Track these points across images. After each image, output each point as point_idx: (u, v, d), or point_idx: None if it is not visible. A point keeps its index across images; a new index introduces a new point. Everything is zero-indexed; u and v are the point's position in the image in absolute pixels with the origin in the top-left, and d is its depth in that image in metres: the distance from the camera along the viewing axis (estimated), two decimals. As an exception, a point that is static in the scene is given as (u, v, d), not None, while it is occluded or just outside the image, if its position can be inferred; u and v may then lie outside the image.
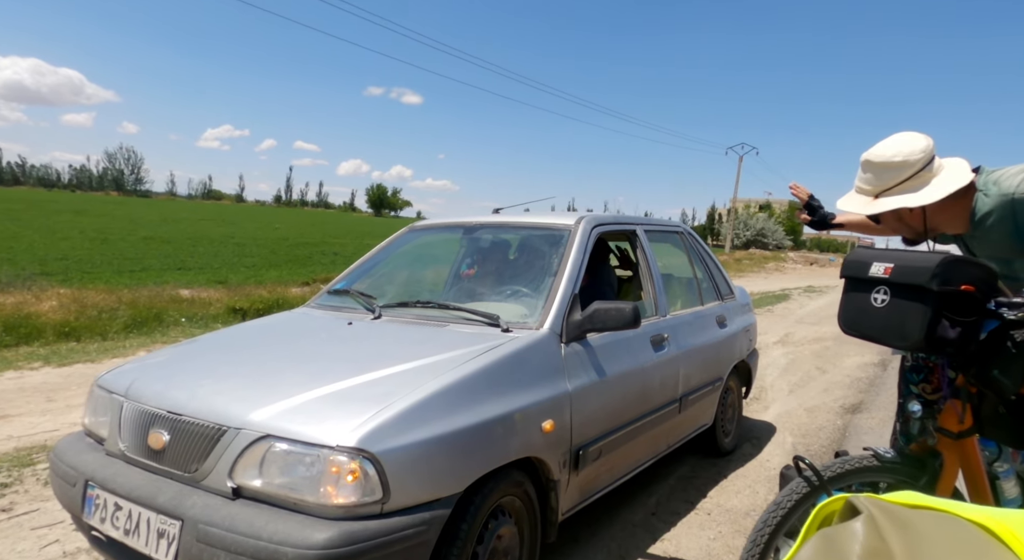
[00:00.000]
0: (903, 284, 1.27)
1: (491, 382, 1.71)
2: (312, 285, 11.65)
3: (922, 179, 1.41)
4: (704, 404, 2.99)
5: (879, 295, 1.32)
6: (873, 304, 1.33)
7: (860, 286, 1.37)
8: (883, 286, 1.31)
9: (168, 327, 7.26)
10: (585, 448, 2.02)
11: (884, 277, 1.30)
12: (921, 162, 1.42)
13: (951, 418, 1.39)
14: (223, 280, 12.09)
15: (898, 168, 1.41)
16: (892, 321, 1.29)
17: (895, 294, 1.29)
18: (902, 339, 1.27)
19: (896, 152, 1.42)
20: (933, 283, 1.21)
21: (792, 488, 1.39)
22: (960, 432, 1.38)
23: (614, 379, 2.20)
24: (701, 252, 3.39)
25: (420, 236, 2.92)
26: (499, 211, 2.85)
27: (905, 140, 1.44)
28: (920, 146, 1.42)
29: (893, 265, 1.30)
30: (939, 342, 1.23)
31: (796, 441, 3.63)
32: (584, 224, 2.45)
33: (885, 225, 1.57)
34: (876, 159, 1.44)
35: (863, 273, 1.35)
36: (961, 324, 1.21)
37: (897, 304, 1.28)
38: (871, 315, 1.33)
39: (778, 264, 31.04)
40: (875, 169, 1.45)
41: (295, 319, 2.34)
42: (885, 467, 1.41)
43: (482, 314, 2.08)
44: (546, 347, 1.96)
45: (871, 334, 1.35)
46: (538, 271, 2.33)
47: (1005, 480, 1.52)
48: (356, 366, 1.71)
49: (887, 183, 1.43)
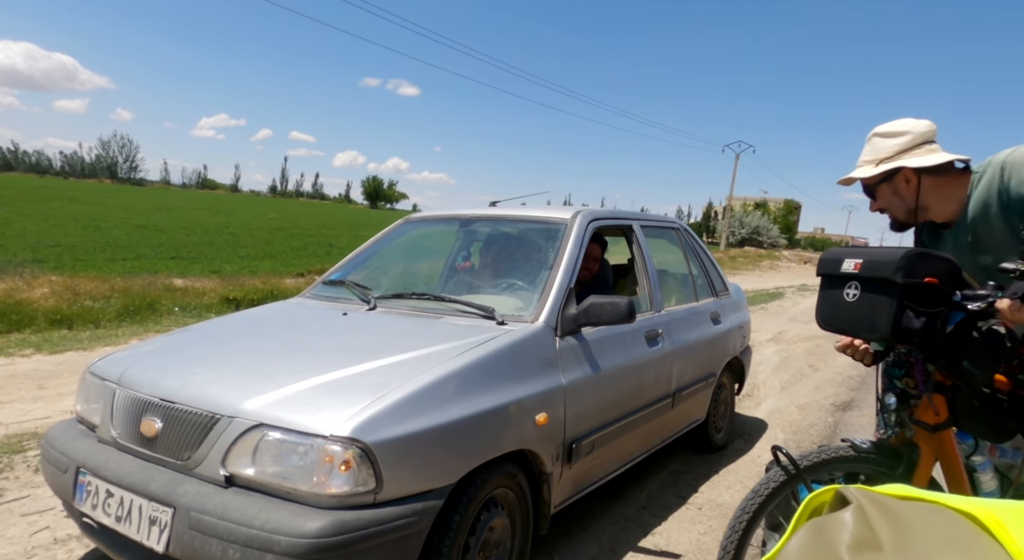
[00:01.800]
0: (871, 278, 1.31)
1: (485, 374, 1.72)
2: (307, 276, 11.61)
3: (923, 150, 1.48)
4: (697, 400, 3.01)
5: (850, 290, 1.36)
6: (845, 299, 1.36)
7: (834, 282, 1.41)
8: (854, 281, 1.35)
9: (161, 316, 7.23)
10: (578, 441, 2.03)
11: (855, 272, 1.34)
12: (924, 136, 1.49)
13: (927, 411, 1.42)
14: (217, 270, 12.04)
15: (902, 135, 1.49)
16: (863, 314, 1.32)
17: (865, 288, 1.32)
18: (872, 331, 1.31)
19: (903, 123, 1.52)
20: (898, 275, 1.24)
21: (770, 477, 1.41)
22: (936, 425, 1.41)
23: (608, 373, 2.21)
24: (696, 248, 3.40)
25: (416, 228, 2.91)
26: (496, 204, 2.84)
27: (910, 119, 1.53)
28: (924, 123, 1.52)
29: (862, 260, 1.34)
30: (905, 333, 1.26)
31: (787, 438, 3.66)
32: (580, 218, 2.45)
33: (881, 199, 1.58)
34: (883, 129, 1.53)
35: (836, 270, 1.39)
36: (926, 315, 1.25)
37: (867, 298, 1.32)
38: (844, 309, 1.37)
39: (772, 262, 31.15)
40: (880, 139, 1.53)
41: (289, 309, 2.34)
42: (862, 458, 1.43)
43: (477, 306, 2.08)
44: (541, 340, 1.97)
45: (845, 327, 1.39)
46: (534, 264, 2.33)
47: (982, 473, 1.55)
48: (350, 356, 1.71)
49: (890, 151, 1.50)
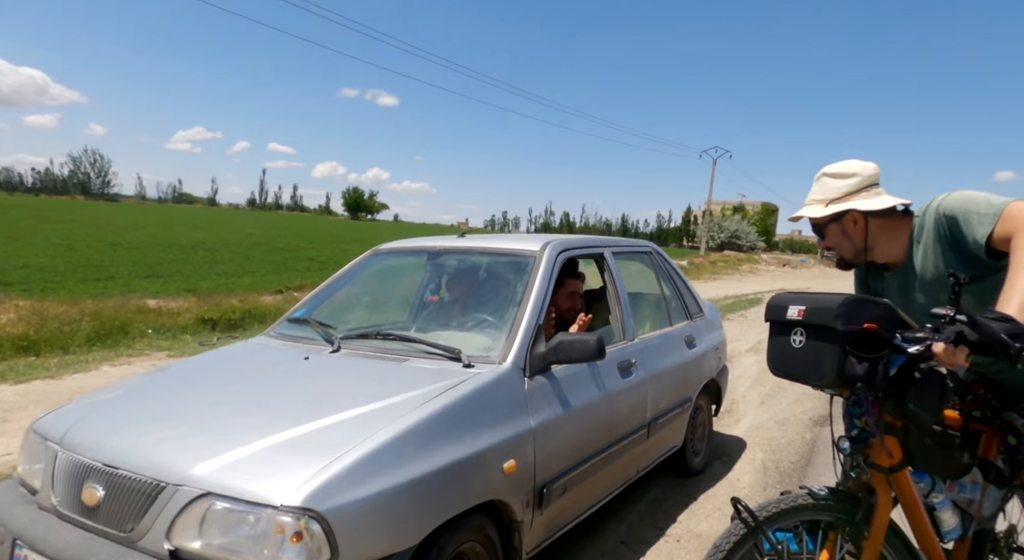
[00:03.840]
0: (814, 325, 1.32)
1: (449, 425, 1.66)
2: (285, 293, 11.43)
3: (870, 193, 1.55)
4: (674, 426, 2.97)
5: (796, 336, 1.37)
6: (792, 345, 1.37)
7: (781, 329, 1.41)
8: (799, 327, 1.36)
9: (133, 339, 7.05)
10: (550, 485, 1.98)
11: (799, 319, 1.35)
12: (871, 179, 1.56)
13: (881, 453, 1.42)
14: (193, 288, 11.81)
15: (851, 177, 1.55)
16: (809, 360, 1.34)
17: (809, 335, 1.34)
18: (819, 377, 1.32)
19: (850, 165, 1.58)
20: (838, 323, 1.26)
21: (731, 530, 1.39)
22: (891, 466, 1.41)
23: (580, 410, 2.16)
24: (670, 271, 3.38)
25: (384, 260, 2.85)
26: (464, 235, 2.79)
27: (857, 160, 1.60)
28: (871, 165, 1.58)
29: (805, 307, 1.35)
30: (850, 378, 1.27)
31: (766, 457, 3.64)
32: (549, 250, 2.41)
33: (829, 238, 1.63)
34: (831, 170, 1.59)
35: (782, 316, 1.40)
36: (868, 360, 1.26)
37: (812, 344, 1.33)
38: (792, 356, 1.38)
39: (752, 266, 31.50)
40: (830, 179, 1.58)
41: (250, 353, 2.25)
42: (820, 505, 1.43)
43: (443, 348, 2.02)
44: (509, 383, 1.91)
45: (794, 374, 1.39)
46: (502, 300, 2.28)
47: (942, 511, 1.55)
48: (308, 410, 1.64)
49: (839, 192, 1.56)
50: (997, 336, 1.11)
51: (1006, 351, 1.10)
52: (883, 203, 1.51)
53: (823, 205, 1.58)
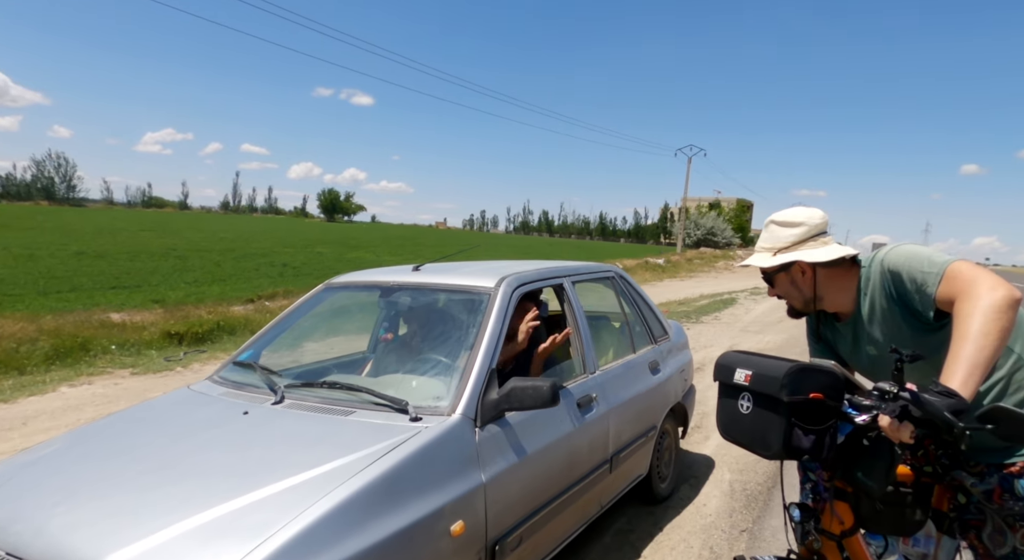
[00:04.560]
0: (761, 393, 1.28)
1: (391, 491, 1.58)
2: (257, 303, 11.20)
3: (818, 242, 1.53)
4: (638, 456, 2.93)
5: (744, 402, 1.32)
6: (740, 411, 1.33)
7: (730, 391, 1.37)
8: (747, 393, 1.32)
9: (95, 357, 6.82)
10: (503, 540, 1.91)
11: (746, 385, 1.31)
12: (819, 227, 1.55)
13: (832, 520, 1.39)
14: (161, 299, 11.48)
15: (798, 226, 1.54)
16: (756, 430, 1.29)
17: (756, 402, 1.29)
18: (766, 449, 1.28)
19: (798, 214, 1.57)
20: (783, 393, 1.22)
21: None
22: (842, 532, 1.39)
23: (535, 455, 2.10)
24: (634, 295, 3.34)
25: (336, 295, 2.75)
26: (419, 268, 2.71)
27: (805, 209, 1.59)
28: (818, 214, 1.57)
29: (751, 373, 1.31)
30: (796, 451, 1.24)
31: (734, 478, 3.63)
32: (505, 287, 2.35)
33: (779, 287, 1.63)
34: (779, 218, 1.58)
35: (729, 379, 1.35)
36: (814, 432, 1.23)
37: (759, 412, 1.28)
38: (740, 422, 1.33)
39: (727, 263, 31.89)
40: (777, 227, 1.57)
41: (186, 406, 2.13)
42: None
43: (390, 399, 1.94)
44: (458, 436, 1.84)
45: (743, 443, 1.35)
46: (454, 343, 2.20)
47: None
48: (238, 482, 1.54)
49: (787, 241, 1.55)
50: (940, 414, 1.07)
51: (949, 430, 1.07)
52: (830, 254, 1.50)
53: (771, 254, 1.57)
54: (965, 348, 1.16)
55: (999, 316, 1.17)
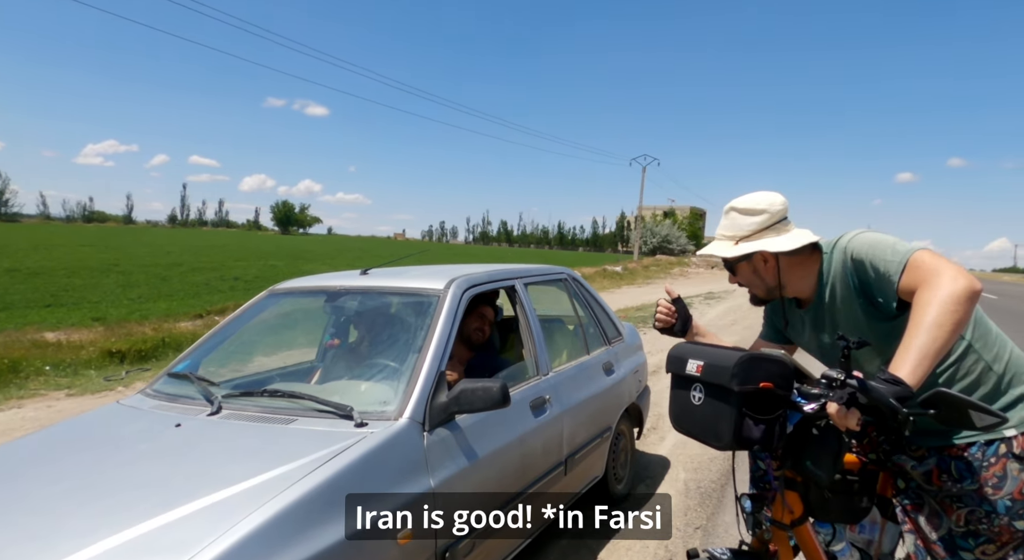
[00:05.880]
0: (712, 383, 1.28)
1: (331, 501, 1.51)
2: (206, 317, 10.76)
3: (779, 230, 1.51)
4: (593, 458, 2.92)
5: (696, 393, 1.33)
6: (692, 402, 1.33)
7: (681, 383, 1.38)
8: (698, 383, 1.32)
9: (27, 379, 6.41)
10: (453, 547, 1.86)
11: (697, 375, 1.32)
12: (780, 214, 1.51)
13: (782, 509, 1.41)
14: (101, 317, 10.95)
15: (759, 214, 1.51)
16: (708, 421, 1.30)
17: (708, 393, 1.30)
18: (717, 439, 1.28)
19: (759, 200, 1.52)
20: (734, 383, 1.23)
21: None
22: (792, 521, 1.40)
23: (487, 459, 2.06)
24: (587, 297, 3.34)
25: (280, 301, 2.65)
26: (367, 272, 2.65)
27: (766, 194, 1.55)
28: (779, 200, 1.53)
29: (703, 364, 1.31)
30: (747, 442, 1.25)
31: (688, 477, 3.67)
32: (454, 288, 2.31)
33: (741, 275, 1.61)
34: (739, 205, 1.54)
35: (682, 370, 1.36)
36: (764, 422, 1.24)
37: (710, 403, 1.29)
38: (691, 413, 1.34)
39: (682, 269, 32.63)
40: (739, 215, 1.53)
41: (114, 421, 2.01)
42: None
43: (334, 405, 1.87)
44: (405, 441, 1.79)
45: (694, 433, 1.35)
46: (402, 346, 2.15)
47: (843, 558, 1.55)
48: (166, 497, 1.44)
49: (748, 229, 1.51)
50: (886, 400, 1.09)
51: (894, 416, 1.08)
52: (792, 243, 1.47)
53: (733, 242, 1.54)
54: (918, 337, 1.17)
55: (956, 308, 1.17)
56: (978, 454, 1.36)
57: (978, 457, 1.36)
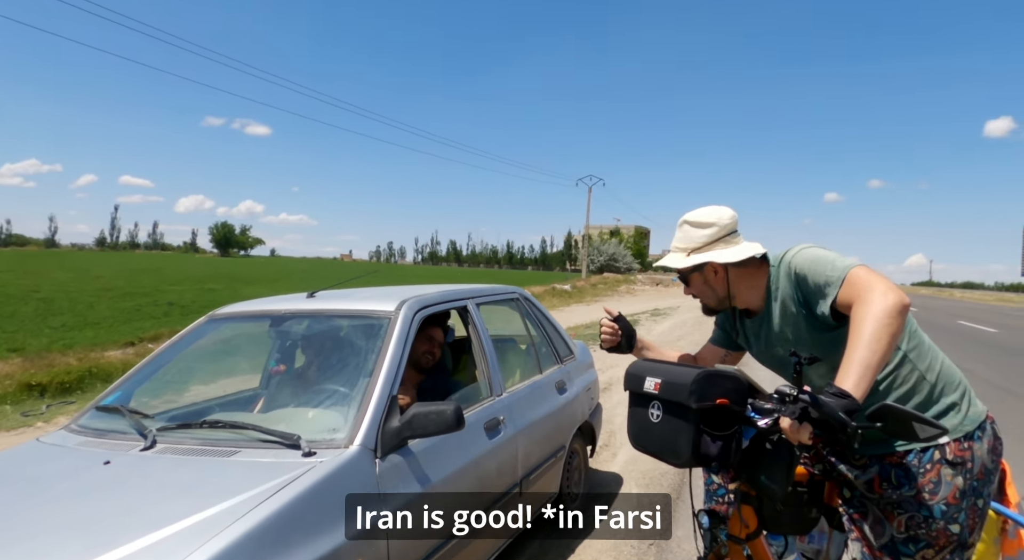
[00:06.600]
0: (670, 401, 1.30)
1: (277, 537, 1.43)
2: (138, 345, 10.16)
3: (729, 242, 1.58)
4: (548, 477, 2.91)
5: (654, 410, 1.35)
6: (650, 419, 1.35)
7: (639, 400, 1.39)
8: (656, 401, 1.34)
9: (-72, 418, 5.84)
10: (408, 577, 1.80)
11: (655, 393, 1.33)
12: (729, 227, 1.59)
13: (737, 524, 1.44)
14: (19, 348, 10.15)
15: (709, 226, 1.58)
16: (666, 438, 1.31)
17: (666, 411, 1.32)
18: (676, 457, 1.30)
19: (709, 214, 1.60)
20: (691, 400, 1.25)
21: None
22: (748, 535, 1.44)
23: (442, 483, 2.01)
24: (538, 316, 3.36)
25: (220, 327, 2.53)
26: (314, 295, 2.57)
27: (716, 208, 1.63)
28: (728, 213, 1.61)
29: (661, 381, 1.33)
30: (704, 458, 1.27)
31: (641, 492, 3.70)
32: (406, 310, 2.27)
33: (693, 286, 1.67)
34: (692, 218, 1.60)
35: (639, 388, 1.38)
36: (721, 438, 1.27)
37: (668, 420, 1.31)
38: (650, 431, 1.35)
39: (629, 287, 33.40)
40: (691, 228, 1.60)
41: (32, 458, 1.84)
42: None
43: (279, 435, 1.79)
44: (356, 470, 1.72)
45: (653, 451, 1.37)
46: (351, 371, 2.09)
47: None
48: (90, 539, 1.33)
49: (699, 241, 1.58)
50: (836, 415, 1.13)
51: (843, 429, 1.12)
52: (741, 254, 1.54)
53: (685, 254, 1.61)
54: (858, 351, 1.23)
55: (890, 321, 1.24)
56: (915, 461, 1.43)
57: (915, 464, 1.43)
